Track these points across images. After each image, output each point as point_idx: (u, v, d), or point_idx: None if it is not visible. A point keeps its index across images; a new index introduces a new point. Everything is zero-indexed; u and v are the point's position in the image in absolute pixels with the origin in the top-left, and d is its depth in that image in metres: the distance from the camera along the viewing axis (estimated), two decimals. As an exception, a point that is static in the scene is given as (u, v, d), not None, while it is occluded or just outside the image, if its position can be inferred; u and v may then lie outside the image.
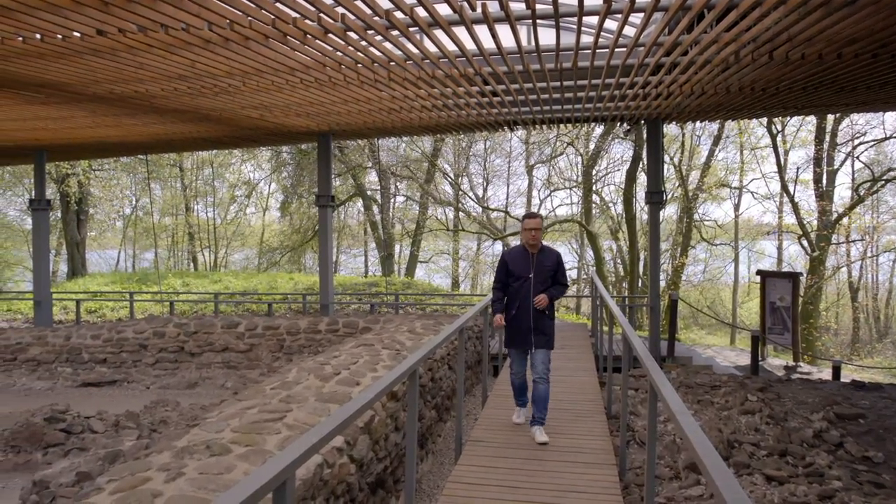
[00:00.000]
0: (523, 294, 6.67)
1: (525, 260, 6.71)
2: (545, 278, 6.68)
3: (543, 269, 6.67)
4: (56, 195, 31.29)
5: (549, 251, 6.83)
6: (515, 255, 6.81)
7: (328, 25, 6.94)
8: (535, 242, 6.67)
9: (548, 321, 6.74)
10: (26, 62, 8.35)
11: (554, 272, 6.74)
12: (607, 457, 6.12)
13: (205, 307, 24.57)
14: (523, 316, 6.69)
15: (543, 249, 6.80)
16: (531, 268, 6.66)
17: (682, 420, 3.19)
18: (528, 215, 6.76)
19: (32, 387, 14.39)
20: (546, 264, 6.68)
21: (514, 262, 6.75)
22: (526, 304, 6.65)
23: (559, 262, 6.81)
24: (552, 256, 6.77)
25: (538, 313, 6.67)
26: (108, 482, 4.33)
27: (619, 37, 7.62)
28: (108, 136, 15.06)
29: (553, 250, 6.87)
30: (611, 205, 33.65)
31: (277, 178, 37.85)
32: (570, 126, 19.58)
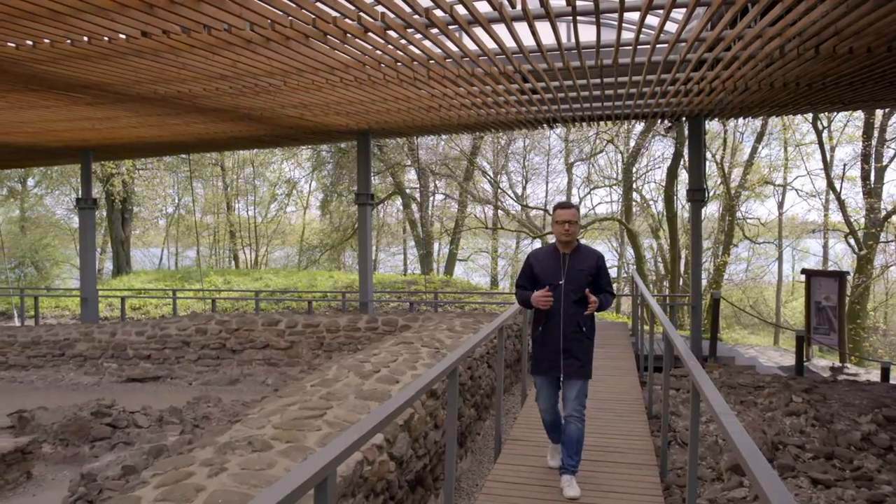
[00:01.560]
0: (553, 306, 5.31)
1: (555, 262, 5.37)
2: (581, 286, 5.27)
3: (578, 275, 5.28)
4: (102, 194, 31.90)
5: (586, 251, 5.43)
6: (543, 257, 5.47)
7: (368, 24, 6.96)
8: (570, 239, 5.31)
9: (584, 341, 5.35)
10: (74, 64, 8.52)
11: (594, 278, 5.33)
12: (648, 457, 6.06)
13: (246, 305, 24.87)
14: (552, 333, 5.34)
15: (579, 249, 5.42)
16: (562, 272, 5.31)
17: (726, 421, 3.13)
18: (561, 204, 5.40)
19: (80, 382, 14.69)
20: (581, 268, 5.29)
21: (541, 265, 5.44)
22: (556, 320, 5.32)
23: (601, 266, 5.38)
24: (590, 258, 5.36)
25: (572, 329, 5.31)
26: (153, 476, 4.39)
27: (660, 33, 7.53)
28: (151, 135, 15.31)
29: (592, 250, 5.48)
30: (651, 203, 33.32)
31: (317, 177, 38.16)
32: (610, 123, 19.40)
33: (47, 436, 9.74)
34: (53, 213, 40.06)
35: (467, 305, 22.54)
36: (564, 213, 5.32)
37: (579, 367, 5.32)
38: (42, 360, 15.38)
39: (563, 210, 5.36)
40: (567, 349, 5.31)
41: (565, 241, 5.34)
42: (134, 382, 14.57)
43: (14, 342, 15.62)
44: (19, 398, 13.15)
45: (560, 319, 5.31)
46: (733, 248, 30.42)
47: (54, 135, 15.00)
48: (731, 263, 31.50)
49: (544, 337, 5.40)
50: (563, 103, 12.03)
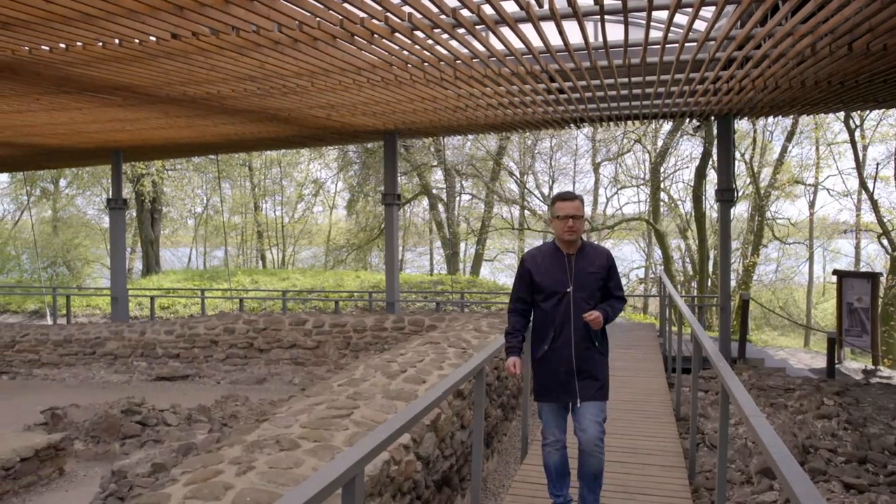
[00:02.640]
0: (560, 318, 4.51)
1: (558, 265, 4.56)
2: (593, 292, 4.54)
3: (589, 279, 4.53)
4: (132, 194, 32.28)
5: (593, 250, 4.66)
6: (543, 259, 4.63)
7: (395, 25, 6.98)
8: (574, 237, 4.51)
9: (598, 357, 4.58)
10: (105, 66, 8.63)
11: (604, 282, 4.59)
12: (677, 459, 6.01)
13: (273, 304, 25.05)
14: (562, 352, 4.51)
15: (585, 248, 4.63)
16: (569, 277, 4.52)
17: (756, 423, 3.10)
18: (562, 195, 4.59)
19: (110, 380, 14.88)
20: (591, 270, 4.54)
21: (540, 270, 4.59)
22: (566, 335, 4.50)
23: (611, 267, 4.65)
24: (599, 257, 4.61)
25: (585, 346, 4.51)
26: (182, 474, 4.43)
27: (689, 31, 7.47)
28: (180, 136, 15.47)
29: (599, 248, 4.74)
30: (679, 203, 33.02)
31: (344, 177, 38.30)
32: (638, 123, 19.28)
33: (79, 433, 9.88)
34: (85, 214, 40.63)
35: (493, 306, 22.50)
36: (567, 205, 4.48)
37: (598, 387, 4.55)
38: (74, 359, 15.60)
39: (564, 202, 4.49)
40: (582, 369, 4.51)
41: (569, 239, 4.50)
42: (163, 381, 14.73)
43: (46, 341, 15.86)
44: (52, 396, 13.36)
45: (571, 334, 4.47)
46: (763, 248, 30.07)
47: (86, 136, 15.21)
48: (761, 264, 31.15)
49: (552, 356, 4.54)
50: (591, 103, 11.97)
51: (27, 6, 6.13)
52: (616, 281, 4.67)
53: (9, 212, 40.78)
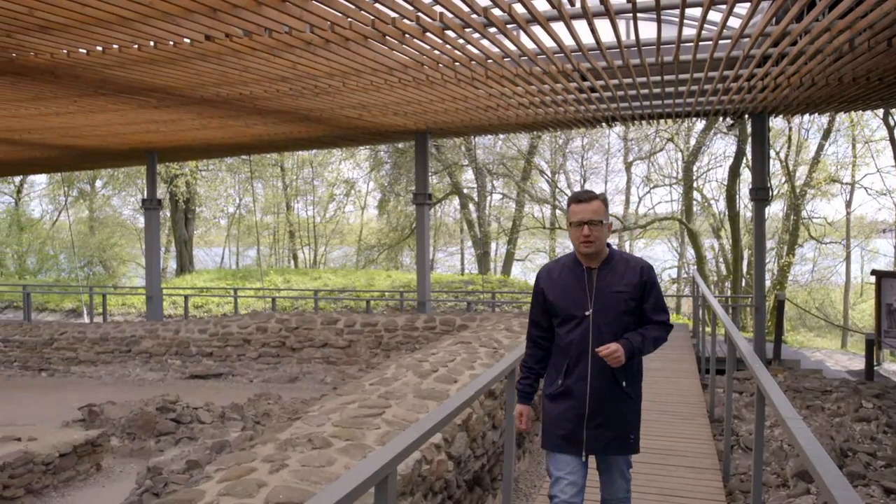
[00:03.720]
0: (575, 348, 3.64)
1: (576, 282, 3.68)
2: (619, 316, 3.61)
3: (614, 299, 3.61)
4: (166, 195, 32.70)
5: (622, 262, 3.71)
6: (560, 275, 3.76)
7: (426, 24, 6.99)
8: (592, 249, 3.60)
9: (622, 401, 3.66)
10: (141, 69, 8.75)
11: (638, 302, 3.65)
12: (711, 461, 5.94)
13: (305, 303, 25.22)
14: (575, 390, 3.64)
15: (613, 261, 3.70)
16: (588, 297, 3.63)
17: (793, 425, 3.05)
18: (577, 197, 3.71)
19: (145, 377, 15.09)
20: (617, 288, 3.62)
21: (555, 288, 3.73)
22: (582, 369, 3.63)
23: (648, 283, 3.68)
24: (630, 272, 3.66)
25: (605, 384, 3.61)
26: (216, 471, 4.48)
27: (723, 28, 7.38)
28: (213, 137, 15.63)
29: (633, 260, 3.77)
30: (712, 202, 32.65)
31: (375, 177, 38.43)
32: (671, 121, 19.11)
33: (115, 429, 10.03)
34: (120, 214, 41.29)
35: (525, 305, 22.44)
36: (582, 209, 3.61)
37: (613, 438, 3.65)
38: (110, 356, 15.84)
39: (579, 205, 3.63)
40: (597, 413, 3.60)
41: (586, 251, 3.62)
42: (197, 379, 14.90)
43: (84, 338, 16.13)
44: (89, 393, 13.58)
45: (587, 368, 3.59)
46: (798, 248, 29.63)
47: (121, 137, 15.43)
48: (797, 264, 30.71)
49: (564, 394, 3.68)
50: (623, 101, 11.88)
51: (65, 10, 6.23)
52: (655, 302, 3.69)
53: (47, 212, 41.61)
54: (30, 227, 38.26)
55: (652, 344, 3.68)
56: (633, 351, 3.57)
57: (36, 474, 8.04)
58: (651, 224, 32.98)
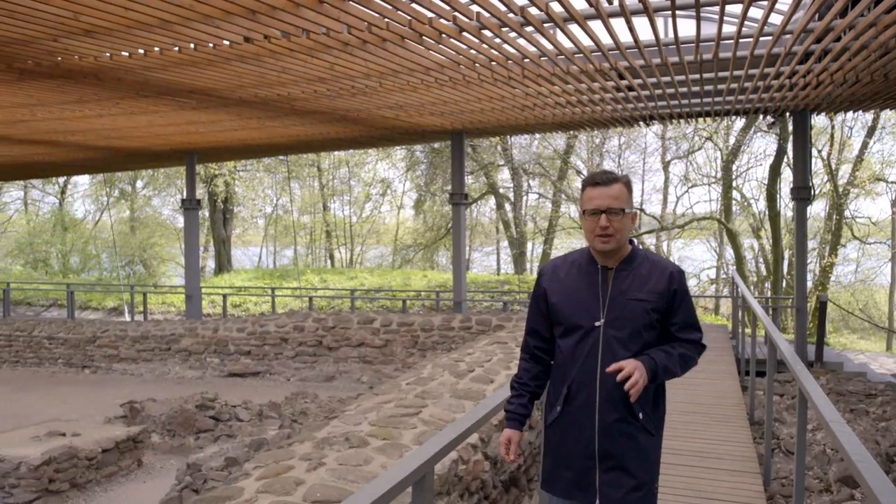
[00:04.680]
0: (580, 367, 2.88)
1: (587, 284, 2.93)
2: (637, 330, 2.85)
3: (632, 308, 2.85)
4: (205, 195, 33.12)
5: (649, 265, 2.93)
6: (568, 274, 3.00)
7: (463, 24, 6.99)
8: (609, 245, 2.85)
9: (638, 438, 2.88)
10: (181, 71, 8.88)
11: (662, 316, 2.89)
12: (751, 465, 5.86)
13: (341, 303, 25.37)
14: (579, 422, 2.89)
15: (636, 260, 2.94)
16: (601, 303, 2.88)
17: (837, 429, 2.99)
18: (593, 179, 2.93)
19: (185, 375, 15.31)
20: (638, 295, 2.86)
21: (561, 289, 2.98)
22: (587, 395, 2.86)
23: (678, 293, 2.91)
24: (656, 276, 2.90)
25: (616, 416, 2.83)
26: (255, 468, 4.53)
27: (764, 25, 7.27)
28: (251, 138, 15.80)
29: (662, 263, 2.97)
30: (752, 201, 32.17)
31: (411, 177, 38.54)
32: (710, 120, 18.87)
33: (156, 426, 10.19)
34: (160, 214, 41.92)
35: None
36: (598, 192, 2.86)
37: (633, 488, 2.87)
38: (150, 354, 16.10)
39: (595, 188, 2.88)
40: (609, 453, 2.84)
41: (603, 248, 2.86)
42: (235, 377, 15.08)
43: (125, 336, 16.41)
44: (130, 390, 13.81)
45: (595, 394, 2.83)
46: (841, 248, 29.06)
47: (162, 138, 15.67)
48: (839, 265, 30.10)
49: (566, 425, 2.92)
50: (661, 100, 11.77)
51: (109, 14, 6.35)
52: (685, 316, 2.92)
53: (90, 212, 42.43)
54: (73, 227, 39.02)
55: (680, 364, 2.88)
56: (656, 372, 2.77)
57: (80, 469, 8.21)
58: (689, 224, 32.58)
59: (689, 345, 2.96)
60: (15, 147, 16.43)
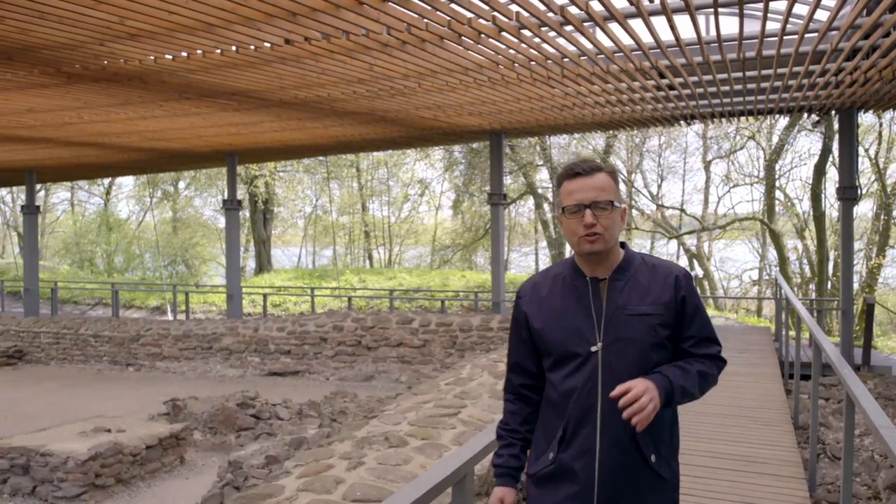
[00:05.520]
0: (576, 403, 2.36)
1: (576, 301, 2.43)
2: (643, 351, 2.34)
3: (634, 325, 2.35)
4: (245, 195, 33.50)
5: (648, 270, 2.44)
6: (551, 293, 2.49)
7: (502, 24, 6.97)
8: (598, 247, 2.34)
9: (657, 484, 2.37)
10: (223, 73, 9.00)
11: (672, 331, 2.40)
12: (795, 470, 5.75)
13: (380, 303, 25.48)
14: (577, 471, 2.34)
15: (630, 266, 2.44)
16: (595, 324, 2.37)
17: (887, 434, 2.92)
18: (571, 170, 2.41)
19: (226, 374, 15.51)
20: (639, 309, 2.36)
21: (544, 312, 2.47)
22: (586, 437, 2.33)
23: (688, 300, 2.41)
24: (660, 284, 2.40)
25: (623, 461, 2.31)
26: (295, 467, 4.57)
27: (809, 21, 7.13)
28: (291, 139, 15.95)
29: (663, 266, 2.47)
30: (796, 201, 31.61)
31: (449, 177, 38.57)
32: (752, 119, 18.61)
33: (198, 424, 10.33)
34: (202, 214, 42.53)
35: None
36: (580, 184, 2.36)
37: None
38: (192, 353, 16.34)
39: (575, 180, 2.38)
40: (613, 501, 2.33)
41: (591, 250, 2.35)
42: (275, 376, 15.23)
43: (168, 335, 16.68)
44: (173, 387, 14.03)
45: (595, 436, 2.32)
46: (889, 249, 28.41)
47: (204, 140, 15.89)
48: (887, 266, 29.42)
49: (557, 475, 2.39)
50: (702, 99, 11.62)
51: (154, 18, 6.46)
52: (701, 328, 2.44)
53: (133, 213, 43.28)
54: (117, 227, 39.77)
55: (698, 383, 2.38)
56: (671, 393, 2.27)
57: (125, 464, 8.35)
58: (731, 224, 32.13)
59: (708, 360, 2.45)
60: (63, 149, 16.80)
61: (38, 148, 16.45)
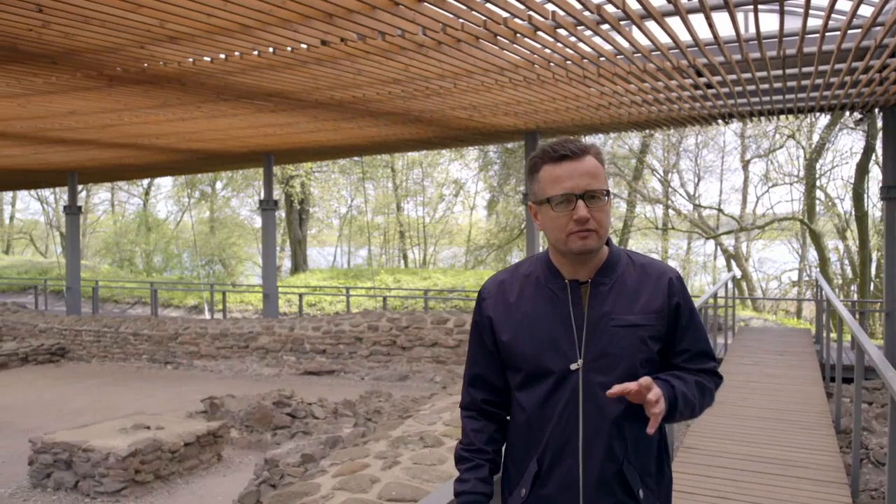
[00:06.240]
0: (553, 432, 2.01)
1: (551, 307, 2.05)
2: (632, 368, 1.98)
3: (622, 338, 2.00)
4: (282, 196, 33.80)
5: (638, 271, 2.09)
6: (521, 296, 2.11)
7: (538, 23, 6.94)
8: (592, 244, 1.98)
9: None
10: (260, 74, 9.08)
11: (665, 338, 2.07)
12: (837, 475, 5.64)
13: (415, 303, 25.54)
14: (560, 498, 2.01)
15: (616, 266, 2.08)
16: (576, 336, 2.01)
17: (934, 440, 2.85)
18: (556, 151, 2.02)
19: (262, 373, 15.66)
20: (627, 319, 2.01)
21: (515, 319, 2.09)
22: (568, 471, 1.99)
23: (682, 307, 2.08)
24: (651, 288, 2.06)
25: (613, 497, 1.99)
26: (331, 465, 4.60)
27: (852, 17, 7.00)
28: (327, 139, 16.05)
29: (655, 267, 2.11)
30: (837, 201, 31.06)
31: (484, 177, 38.55)
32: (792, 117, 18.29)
33: (235, 422, 10.45)
34: (238, 214, 43.03)
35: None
36: (569, 170, 2.00)
37: None
38: (229, 352, 16.52)
39: (562, 164, 2.01)
40: None
41: (584, 248, 1.99)
42: (310, 375, 15.34)
43: (205, 334, 16.89)
44: (210, 385, 14.21)
45: (577, 469, 2.00)
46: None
47: (240, 141, 16.06)
48: (932, 267, 28.77)
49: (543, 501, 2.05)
50: (741, 97, 11.46)
51: (193, 21, 6.54)
52: (696, 340, 2.12)
53: (171, 213, 43.94)
54: (156, 228, 40.40)
55: (699, 395, 2.07)
56: (674, 401, 1.96)
57: (164, 461, 8.48)
58: (770, 224, 31.67)
59: (702, 377, 2.12)
60: (104, 151, 17.10)
61: (80, 149, 16.76)
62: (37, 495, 8.29)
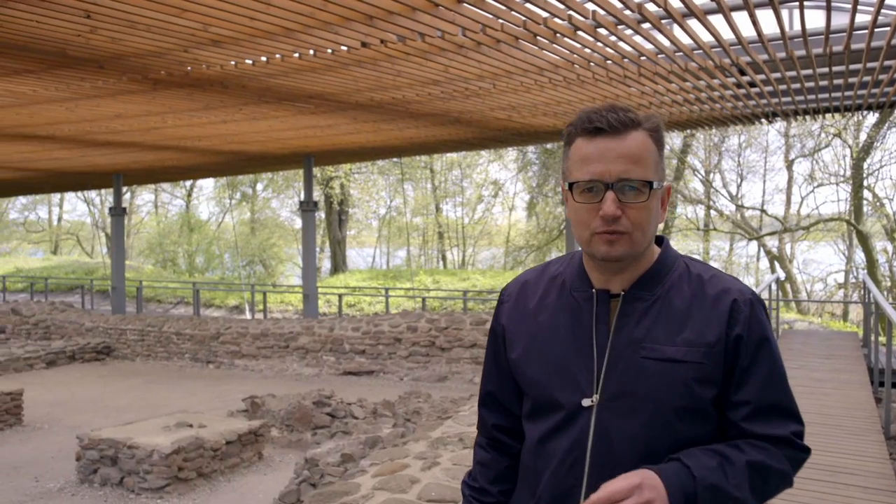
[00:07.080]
0: (554, 473, 1.56)
1: (572, 322, 1.58)
2: (665, 415, 1.47)
3: (652, 373, 1.47)
4: (321, 197, 34.07)
5: (694, 286, 1.53)
6: (540, 304, 1.65)
7: (578, 23, 6.90)
8: (620, 250, 1.47)
9: None
10: (300, 76, 9.17)
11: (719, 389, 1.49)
12: (887, 482, 5.51)
13: (454, 304, 25.55)
14: None
15: (663, 276, 1.55)
16: (594, 363, 1.52)
17: None
18: (589, 121, 1.54)
19: (302, 372, 15.78)
20: (664, 350, 1.48)
21: (526, 333, 1.65)
22: None
23: (746, 340, 1.47)
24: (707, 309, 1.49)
25: None
26: (371, 465, 4.61)
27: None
28: (367, 141, 16.14)
29: (718, 283, 1.53)
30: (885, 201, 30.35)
31: (523, 178, 38.44)
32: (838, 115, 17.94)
33: (275, 421, 10.54)
34: (279, 216, 43.51)
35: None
36: (600, 148, 1.51)
37: None
38: (269, 351, 16.69)
39: (595, 139, 1.53)
40: None
41: (608, 255, 1.49)
42: (349, 375, 15.43)
43: (246, 334, 17.08)
44: (251, 385, 14.36)
45: None
46: None
47: (281, 142, 16.23)
48: (984, 269, 28.01)
49: None
50: (785, 96, 11.27)
51: (236, 25, 6.63)
52: (767, 388, 1.52)
53: (213, 214, 44.58)
54: (198, 228, 40.98)
55: (750, 482, 1.48)
56: (692, 497, 1.40)
57: (206, 459, 8.59)
58: (815, 225, 31.07)
59: (773, 447, 1.52)
60: (148, 153, 17.40)
61: (125, 152, 17.07)
62: (84, 490, 8.45)
